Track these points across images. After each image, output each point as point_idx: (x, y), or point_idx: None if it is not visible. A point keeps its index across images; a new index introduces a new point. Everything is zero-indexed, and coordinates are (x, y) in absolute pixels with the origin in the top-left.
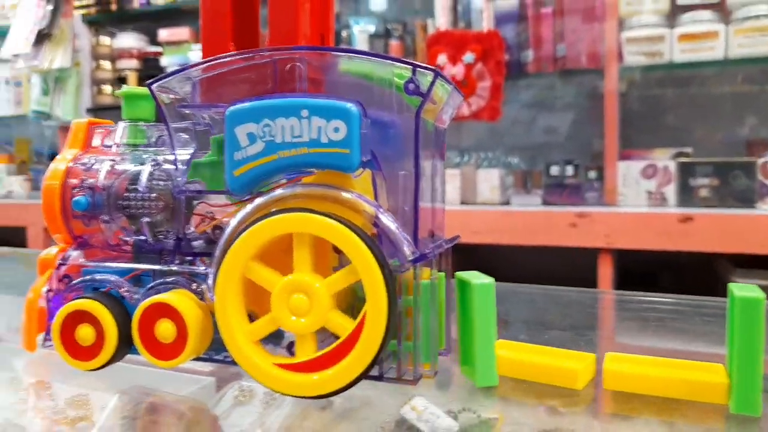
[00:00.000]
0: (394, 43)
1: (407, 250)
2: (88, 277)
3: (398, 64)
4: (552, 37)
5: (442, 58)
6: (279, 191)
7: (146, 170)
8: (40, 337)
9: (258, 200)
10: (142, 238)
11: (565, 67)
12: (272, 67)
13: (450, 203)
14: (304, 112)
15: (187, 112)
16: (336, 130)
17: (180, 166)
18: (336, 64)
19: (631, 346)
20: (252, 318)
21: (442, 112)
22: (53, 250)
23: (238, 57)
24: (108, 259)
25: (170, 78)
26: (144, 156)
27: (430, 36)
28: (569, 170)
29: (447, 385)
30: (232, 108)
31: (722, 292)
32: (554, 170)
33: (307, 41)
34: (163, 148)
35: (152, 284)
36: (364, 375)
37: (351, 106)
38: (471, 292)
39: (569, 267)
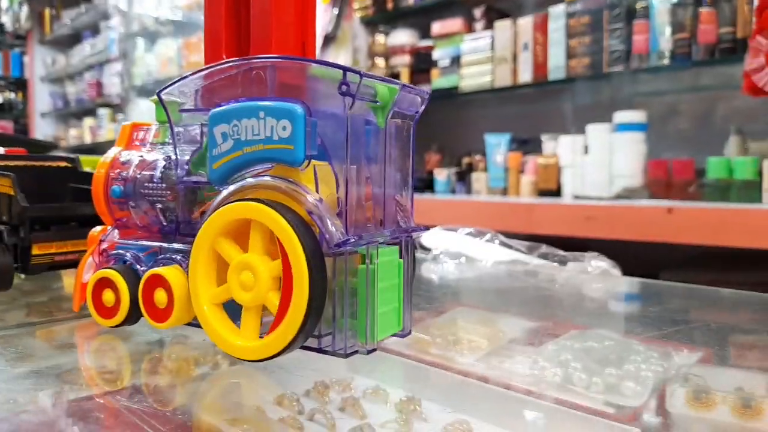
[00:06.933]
0: (705, 11)
1: (334, 236)
2: (116, 252)
3: (332, 68)
4: None
5: None
6: (238, 184)
7: (160, 164)
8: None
9: (223, 192)
10: (160, 220)
11: None
12: (245, 74)
13: None
14: (261, 113)
15: (185, 114)
16: (284, 128)
17: (181, 160)
18: (306, 69)
19: None
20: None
21: (395, 109)
22: (98, 229)
23: (220, 67)
24: (138, 238)
25: (174, 86)
26: (163, 152)
27: None
28: None
29: None
30: (212, 111)
31: None
32: None
33: (281, 50)
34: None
35: (157, 259)
36: (293, 345)
37: (297, 107)
38: None
39: None
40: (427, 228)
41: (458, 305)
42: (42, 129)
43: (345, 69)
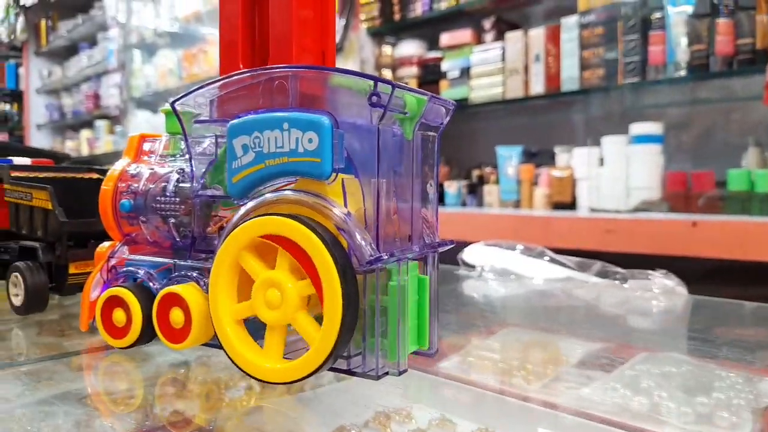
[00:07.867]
0: (722, 22)
1: (365, 252)
2: (126, 269)
3: (363, 78)
4: None
5: None
6: (261, 198)
7: (173, 177)
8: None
9: (246, 206)
10: (173, 235)
11: None
12: (266, 84)
13: None
14: (285, 125)
15: (199, 126)
16: (310, 141)
17: (197, 173)
18: (327, 79)
19: None
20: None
21: (422, 121)
22: (107, 244)
23: (239, 76)
24: (148, 254)
25: (189, 96)
26: (175, 164)
27: None
28: None
29: None
30: (232, 122)
31: None
32: None
33: (301, 59)
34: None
35: (171, 277)
36: (323, 367)
37: (323, 119)
38: None
39: None
40: (452, 242)
41: (508, 326)
42: (38, 141)
43: (376, 79)
